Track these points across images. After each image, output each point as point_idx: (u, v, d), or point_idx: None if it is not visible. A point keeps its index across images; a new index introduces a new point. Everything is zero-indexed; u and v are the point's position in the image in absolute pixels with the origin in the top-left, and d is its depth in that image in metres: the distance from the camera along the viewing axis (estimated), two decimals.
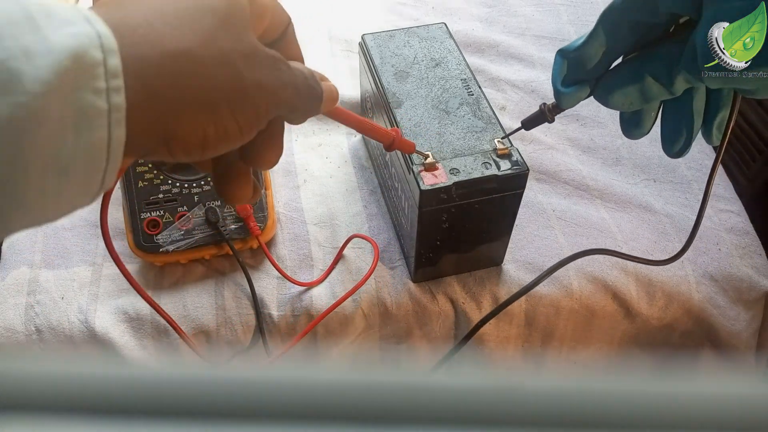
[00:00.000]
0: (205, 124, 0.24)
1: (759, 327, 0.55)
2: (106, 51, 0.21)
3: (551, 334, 0.54)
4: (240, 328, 0.50)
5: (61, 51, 0.19)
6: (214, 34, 0.25)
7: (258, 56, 0.26)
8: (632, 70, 0.35)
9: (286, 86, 0.27)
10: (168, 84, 0.23)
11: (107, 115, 0.21)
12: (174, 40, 0.23)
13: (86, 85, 0.20)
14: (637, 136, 0.38)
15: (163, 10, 0.24)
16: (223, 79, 0.25)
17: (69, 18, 0.20)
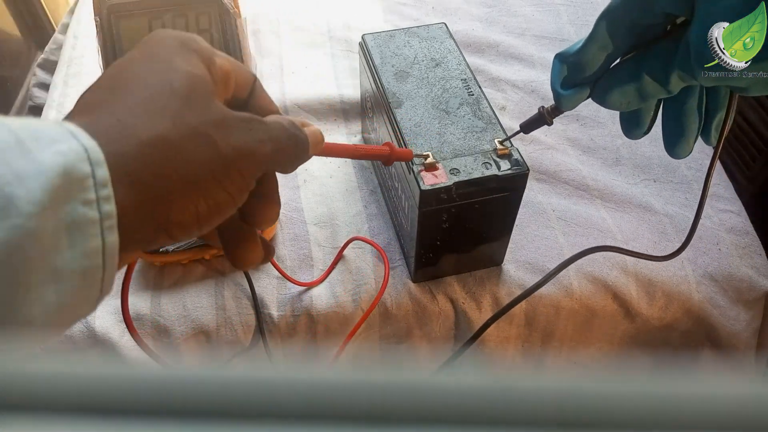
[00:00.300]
0: (195, 201, 0.25)
1: (759, 327, 0.55)
2: (93, 163, 0.22)
3: (551, 334, 0.54)
4: (240, 328, 0.50)
5: (50, 170, 0.20)
6: (181, 113, 0.25)
7: (228, 122, 0.27)
8: (629, 69, 0.35)
9: (264, 143, 0.28)
10: (152, 173, 0.24)
11: (99, 224, 0.22)
12: (146, 129, 0.24)
13: (77, 198, 0.21)
14: (637, 135, 0.39)
15: (129, 104, 0.25)
16: (201, 155, 0.25)
17: (55, 136, 0.21)
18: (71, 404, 0.12)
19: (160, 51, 0.27)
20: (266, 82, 0.69)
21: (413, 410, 0.12)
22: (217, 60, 0.28)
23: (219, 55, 0.29)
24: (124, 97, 0.25)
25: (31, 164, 0.20)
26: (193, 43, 0.28)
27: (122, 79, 0.26)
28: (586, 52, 0.35)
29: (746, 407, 0.12)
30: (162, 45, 0.27)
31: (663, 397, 0.12)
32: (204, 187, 0.25)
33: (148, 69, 0.26)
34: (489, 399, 0.12)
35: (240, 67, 0.30)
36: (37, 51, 0.82)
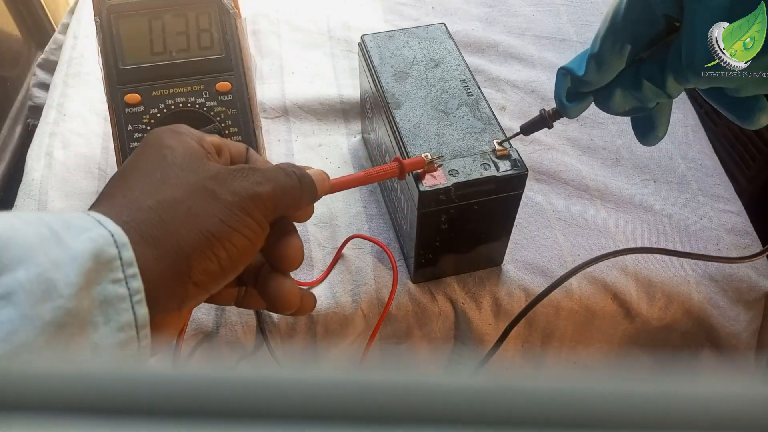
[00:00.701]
0: (214, 250, 0.28)
1: (759, 327, 0.55)
2: (119, 246, 0.24)
3: (551, 334, 0.54)
4: (240, 328, 0.50)
5: (82, 255, 0.23)
6: (178, 176, 0.29)
7: (223, 174, 0.30)
8: (630, 75, 0.35)
9: (261, 183, 0.30)
10: (164, 232, 0.27)
11: (129, 299, 0.24)
12: (150, 197, 0.28)
13: (107, 278, 0.24)
14: (652, 140, 0.38)
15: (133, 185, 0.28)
16: (204, 206, 0.28)
17: (84, 225, 0.24)
18: (71, 404, 0.12)
19: (151, 141, 0.31)
20: (266, 82, 0.69)
21: (413, 410, 0.12)
22: (207, 137, 0.32)
23: (206, 134, 0.33)
24: (128, 182, 0.29)
25: (66, 252, 0.23)
26: (181, 128, 0.32)
27: (125, 172, 0.30)
28: (591, 74, 0.35)
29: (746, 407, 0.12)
30: (153, 137, 0.31)
31: (663, 397, 0.12)
32: (218, 235, 0.28)
33: (144, 157, 0.30)
34: (489, 399, 0.12)
35: (231, 142, 0.34)
36: (37, 51, 0.82)
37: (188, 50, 0.50)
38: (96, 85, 0.67)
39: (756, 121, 0.32)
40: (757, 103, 0.32)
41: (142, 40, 0.49)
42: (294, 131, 0.64)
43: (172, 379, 0.13)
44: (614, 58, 0.34)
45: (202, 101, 0.49)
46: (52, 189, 0.58)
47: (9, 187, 0.68)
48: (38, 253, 0.22)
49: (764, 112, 0.32)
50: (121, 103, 0.49)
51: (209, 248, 0.28)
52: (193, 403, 0.12)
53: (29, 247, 0.22)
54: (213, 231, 0.28)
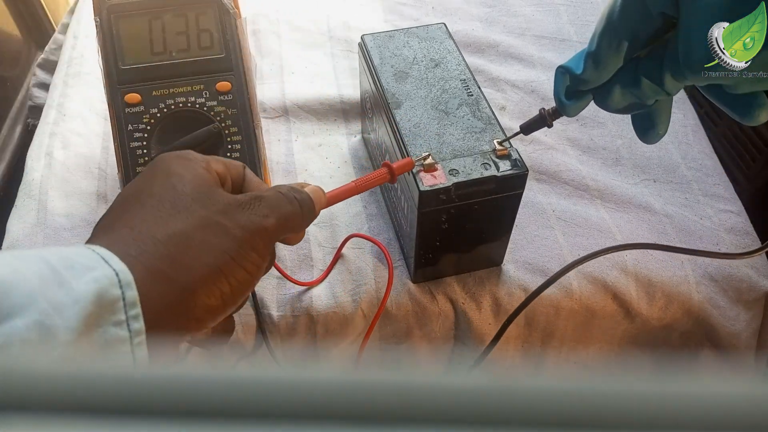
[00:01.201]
0: (219, 285, 0.27)
1: (759, 327, 0.55)
2: (123, 285, 0.24)
3: (551, 334, 0.54)
4: (240, 328, 0.50)
5: (85, 298, 0.22)
6: (189, 208, 0.28)
7: (233, 206, 0.29)
8: (628, 73, 0.35)
9: (268, 216, 0.30)
10: (173, 266, 0.26)
11: (129, 341, 0.24)
12: (160, 229, 0.27)
13: (108, 320, 0.23)
14: (653, 137, 0.38)
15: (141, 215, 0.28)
16: (215, 241, 0.27)
17: (88, 264, 0.23)
18: (71, 404, 0.12)
19: (160, 166, 0.30)
20: (266, 82, 0.69)
21: (413, 410, 0.12)
22: (213, 164, 0.32)
23: (212, 160, 0.32)
24: (136, 211, 0.28)
25: (68, 295, 0.22)
26: (188, 154, 0.31)
27: (132, 198, 0.29)
28: (589, 72, 0.35)
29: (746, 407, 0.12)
30: (161, 162, 0.30)
31: (663, 397, 0.12)
32: (225, 270, 0.27)
33: (152, 183, 0.29)
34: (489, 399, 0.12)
35: (231, 163, 0.33)
36: (37, 51, 0.82)
37: (188, 50, 0.50)
38: (96, 85, 0.67)
39: (755, 117, 0.32)
40: (756, 99, 0.32)
41: (142, 40, 0.49)
42: (294, 131, 0.64)
43: (171, 379, 0.13)
44: (611, 56, 0.34)
45: (202, 101, 0.49)
46: (52, 189, 0.58)
47: (9, 187, 0.68)
48: (38, 297, 0.21)
49: (763, 108, 0.32)
50: (121, 103, 0.49)
51: (215, 284, 0.27)
52: (193, 403, 0.12)
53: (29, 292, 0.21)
54: (221, 266, 0.27)
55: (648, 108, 0.36)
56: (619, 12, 0.33)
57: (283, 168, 0.61)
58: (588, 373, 0.12)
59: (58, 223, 0.56)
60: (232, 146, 0.49)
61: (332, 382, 0.13)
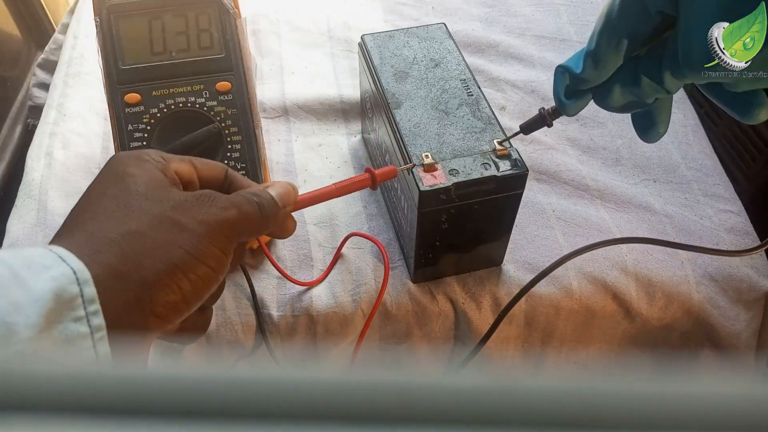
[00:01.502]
0: (177, 281, 0.27)
1: (759, 327, 0.55)
2: (81, 283, 0.24)
3: (551, 334, 0.54)
4: (240, 328, 0.50)
5: (44, 296, 0.23)
6: (141, 207, 0.28)
7: (188, 202, 0.29)
8: (628, 71, 0.35)
9: (227, 209, 0.30)
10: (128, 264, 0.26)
11: (90, 337, 0.24)
12: (113, 229, 0.27)
13: (68, 317, 0.23)
14: (653, 136, 0.38)
15: (95, 217, 0.28)
16: (170, 237, 0.28)
17: (45, 263, 0.24)
18: (71, 404, 0.12)
19: (116, 168, 0.30)
20: (266, 82, 0.69)
21: (413, 410, 0.12)
22: (172, 165, 0.32)
23: (175, 160, 0.32)
24: (90, 213, 0.28)
25: (27, 293, 0.22)
26: (144, 155, 0.31)
27: (88, 200, 0.29)
28: (588, 71, 0.35)
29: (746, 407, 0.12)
30: (117, 162, 0.31)
31: (663, 397, 0.12)
32: (182, 266, 0.28)
33: (106, 184, 0.30)
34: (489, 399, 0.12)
35: (206, 164, 0.34)
36: (37, 51, 0.82)
37: (188, 50, 0.50)
38: (96, 85, 0.67)
39: (755, 116, 0.32)
40: (756, 98, 0.32)
41: (142, 40, 0.49)
42: (294, 131, 0.64)
43: (171, 379, 0.13)
44: (611, 55, 0.34)
45: (202, 101, 0.49)
46: (52, 189, 0.58)
47: (9, 187, 0.68)
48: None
49: (763, 107, 0.32)
50: (121, 103, 0.49)
51: (172, 280, 0.27)
52: (193, 403, 0.12)
53: None
54: (177, 262, 0.27)
55: (648, 107, 0.36)
56: (618, 10, 0.33)
57: (283, 168, 0.61)
58: (588, 373, 0.12)
59: (58, 223, 0.56)
60: (232, 146, 0.49)
61: (330, 381, 0.13)
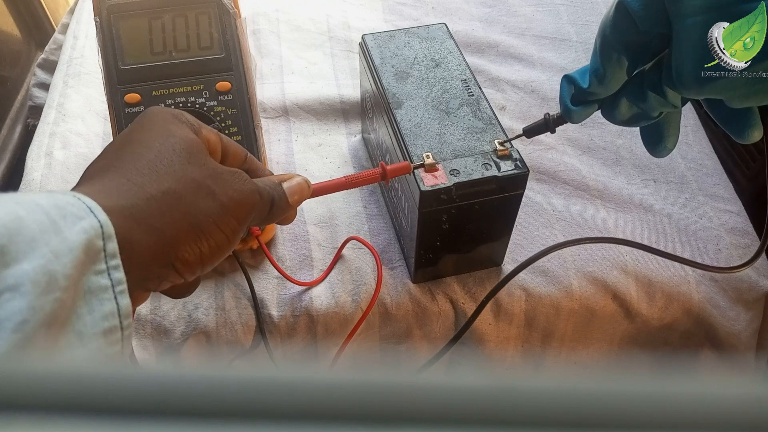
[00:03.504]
0: (199, 243, 0.30)
1: (759, 327, 0.55)
2: (105, 238, 0.25)
3: (551, 334, 0.54)
4: (240, 328, 0.50)
5: (77, 248, 0.24)
6: (183, 169, 0.30)
7: (223, 175, 0.32)
8: (635, 85, 0.35)
9: (254, 192, 0.33)
10: (162, 220, 0.28)
11: (111, 289, 0.25)
12: (153, 184, 0.29)
13: (91, 269, 0.25)
14: (661, 152, 0.38)
15: (137, 165, 0.29)
16: (203, 203, 0.30)
17: (77, 213, 0.25)
18: (71, 404, 0.12)
19: (157, 121, 0.32)
20: (266, 82, 0.69)
21: (413, 410, 0.12)
22: (204, 131, 0.33)
23: (205, 127, 0.34)
24: (131, 160, 0.30)
25: (63, 243, 0.24)
26: (182, 116, 0.33)
27: (127, 146, 0.31)
28: (594, 86, 0.35)
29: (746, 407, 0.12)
30: (158, 116, 0.32)
31: (663, 397, 0.12)
32: (206, 231, 0.30)
33: (149, 135, 0.31)
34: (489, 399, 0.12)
35: (230, 142, 0.36)
36: (37, 51, 0.82)
37: (188, 50, 0.50)
38: (96, 85, 0.67)
39: (748, 136, 0.33)
40: (749, 120, 0.32)
41: (142, 40, 0.49)
42: (294, 131, 0.64)
43: (171, 378, 0.13)
44: (614, 72, 0.34)
45: (202, 101, 0.49)
46: (52, 189, 0.58)
47: (9, 187, 0.68)
48: (40, 244, 0.23)
49: (755, 128, 0.33)
50: (121, 103, 0.49)
51: (195, 242, 0.29)
52: (193, 403, 0.12)
53: (32, 239, 0.23)
54: (203, 227, 0.30)
55: (656, 121, 0.36)
56: (610, 29, 0.33)
57: (283, 168, 0.61)
58: (588, 373, 0.12)
59: None
60: None
61: (330, 381, 0.13)
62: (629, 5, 0.31)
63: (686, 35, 0.30)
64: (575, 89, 0.37)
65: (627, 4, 0.31)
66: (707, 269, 0.48)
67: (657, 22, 0.31)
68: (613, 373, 0.12)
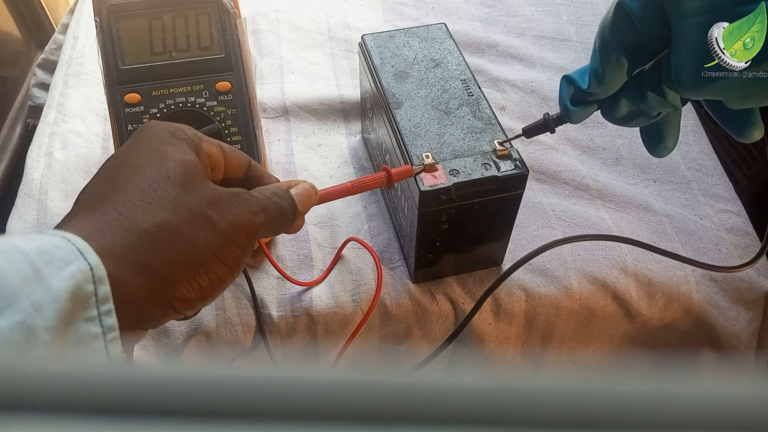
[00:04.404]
0: (198, 278, 0.27)
1: (759, 327, 0.55)
2: (97, 281, 0.23)
3: (551, 334, 0.54)
4: (240, 328, 0.50)
5: (62, 296, 0.22)
6: (178, 198, 0.28)
7: (222, 200, 0.29)
8: (635, 85, 0.35)
9: (257, 213, 0.30)
10: (157, 258, 0.26)
11: (102, 337, 0.23)
12: (148, 218, 0.26)
13: (81, 317, 0.23)
14: (661, 152, 0.38)
15: (129, 197, 0.27)
16: (201, 235, 0.27)
17: (65, 257, 0.23)
18: (71, 404, 0.12)
19: (153, 141, 0.29)
20: (266, 82, 0.69)
21: (413, 410, 0.12)
22: (204, 146, 0.31)
23: (207, 141, 0.31)
24: (123, 190, 0.27)
25: (47, 293, 0.22)
26: (181, 132, 0.30)
27: (120, 173, 0.28)
28: (594, 87, 0.35)
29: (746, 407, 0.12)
30: (154, 135, 0.30)
31: (663, 397, 0.12)
32: (206, 264, 0.28)
33: (143, 160, 0.28)
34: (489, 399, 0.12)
35: (233, 151, 0.33)
36: (37, 51, 0.82)
37: (188, 50, 0.50)
38: (96, 85, 0.67)
39: (749, 135, 0.33)
40: (749, 118, 0.32)
41: (142, 40, 0.49)
42: (294, 131, 0.64)
43: (171, 378, 0.13)
44: (613, 73, 0.34)
45: (202, 101, 0.49)
46: (52, 189, 0.58)
47: (9, 187, 0.68)
48: (20, 297, 0.21)
49: (755, 127, 0.33)
50: (121, 103, 0.49)
51: (194, 277, 0.27)
52: (193, 403, 0.12)
53: (11, 292, 0.21)
54: (201, 261, 0.27)
55: (656, 121, 0.36)
56: (610, 30, 0.33)
57: (283, 168, 0.61)
58: (588, 373, 0.12)
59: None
60: (232, 146, 0.49)
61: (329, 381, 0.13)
62: (628, 6, 0.31)
63: (686, 36, 0.30)
64: (574, 90, 0.37)
65: (626, 6, 0.31)
66: (707, 268, 0.48)
67: (656, 23, 0.31)
68: (613, 373, 0.12)
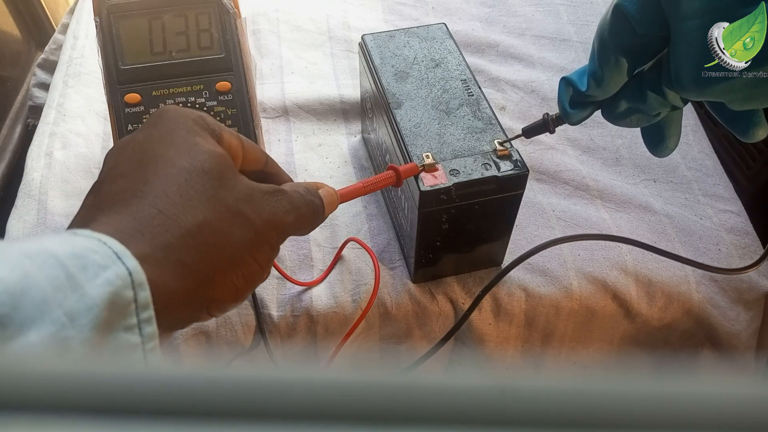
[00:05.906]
0: (234, 277, 0.26)
1: (759, 327, 0.55)
2: (136, 286, 0.22)
3: (551, 334, 0.54)
4: (240, 328, 0.50)
5: (99, 304, 0.21)
6: (216, 194, 0.26)
7: (256, 195, 0.28)
8: (635, 86, 0.35)
9: (289, 212, 0.29)
10: (197, 259, 0.25)
11: (141, 347, 0.22)
12: (188, 217, 0.25)
13: (119, 326, 0.21)
14: (662, 152, 0.38)
15: (167, 191, 0.25)
16: (239, 233, 0.26)
17: (102, 262, 0.21)
18: (71, 404, 0.12)
19: (177, 129, 0.27)
20: (266, 82, 0.69)
21: (413, 410, 0.12)
22: (225, 136, 0.29)
23: (227, 131, 0.30)
24: (157, 183, 0.25)
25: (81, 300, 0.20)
26: (202, 121, 0.29)
27: (148, 164, 0.26)
28: (592, 89, 0.35)
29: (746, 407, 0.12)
30: (176, 123, 0.28)
31: (663, 397, 0.12)
32: (241, 263, 0.27)
33: (173, 151, 0.26)
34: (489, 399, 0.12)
35: (251, 144, 0.32)
36: (37, 51, 0.82)
37: (188, 50, 0.50)
38: (96, 85, 0.67)
39: (752, 135, 0.33)
40: (752, 118, 0.32)
41: (142, 40, 0.49)
42: (294, 131, 0.64)
43: (171, 378, 0.13)
44: (612, 75, 0.34)
45: (202, 101, 0.49)
46: (52, 189, 0.58)
47: (9, 187, 0.68)
48: (53, 305, 0.20)
49: (759, 126, 0.32)
50: (121, 103, 0.49)
51: (230, 278, 0.26)
52: (193, 402, 0.12)
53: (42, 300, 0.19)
54: (238, 260, 0.26)
55: (657, 121, 0.36)
56: (608, 33, 0.33)
57: (282, 168, 0.61)
58: (588, 373, 0.12)
59: (58, 223, 0.56)
60: None
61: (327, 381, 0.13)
62: (625, 9, 0.31)
63: (685, 39, 0.30)
64: (573, 92, 0.37)
65: (623, 8, 0.31)
66: (710, 270, 0.48)
67: (654, 25, 0.31)
68: (613, 373, 0.12)
